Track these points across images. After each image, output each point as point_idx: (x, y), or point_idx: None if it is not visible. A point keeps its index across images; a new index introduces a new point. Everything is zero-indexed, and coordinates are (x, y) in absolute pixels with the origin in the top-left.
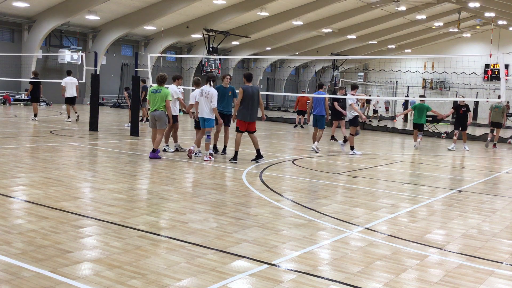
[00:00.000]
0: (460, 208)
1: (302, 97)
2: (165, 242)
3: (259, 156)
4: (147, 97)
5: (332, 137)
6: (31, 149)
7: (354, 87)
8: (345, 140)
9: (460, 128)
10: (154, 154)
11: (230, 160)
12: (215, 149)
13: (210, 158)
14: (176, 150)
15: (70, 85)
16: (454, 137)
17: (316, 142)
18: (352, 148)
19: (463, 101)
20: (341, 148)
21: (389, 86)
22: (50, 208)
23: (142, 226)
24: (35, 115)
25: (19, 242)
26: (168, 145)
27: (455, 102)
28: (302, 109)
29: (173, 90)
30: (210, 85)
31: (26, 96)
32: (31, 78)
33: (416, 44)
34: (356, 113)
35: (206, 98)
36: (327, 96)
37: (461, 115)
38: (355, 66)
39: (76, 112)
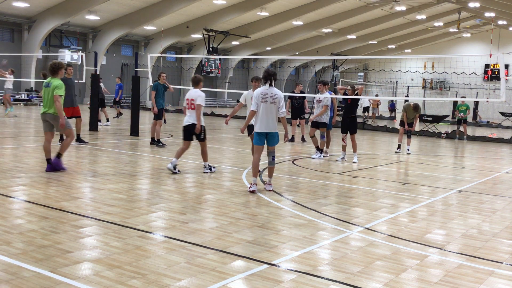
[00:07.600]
0: (460, 208)
1: None
2: (165, 242)
3: (80, 140)
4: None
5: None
6: (31, 149)
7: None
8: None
9: (348, 132)
10: (58, 161)
11: (59, 141)
12: (159, 142)
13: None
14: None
15: None
16: (343, 143)
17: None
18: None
19: (351, 88)
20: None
21: (389, 86)
22: (50, 208)
23: (142, 226)
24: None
25: (19, 242)
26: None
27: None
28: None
29: (251, 95)
30: (271, 85)
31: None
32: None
33: (416, 44)
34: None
35: (273, 104)
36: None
37: (349, 104)
38: (355, 66)
39: None
